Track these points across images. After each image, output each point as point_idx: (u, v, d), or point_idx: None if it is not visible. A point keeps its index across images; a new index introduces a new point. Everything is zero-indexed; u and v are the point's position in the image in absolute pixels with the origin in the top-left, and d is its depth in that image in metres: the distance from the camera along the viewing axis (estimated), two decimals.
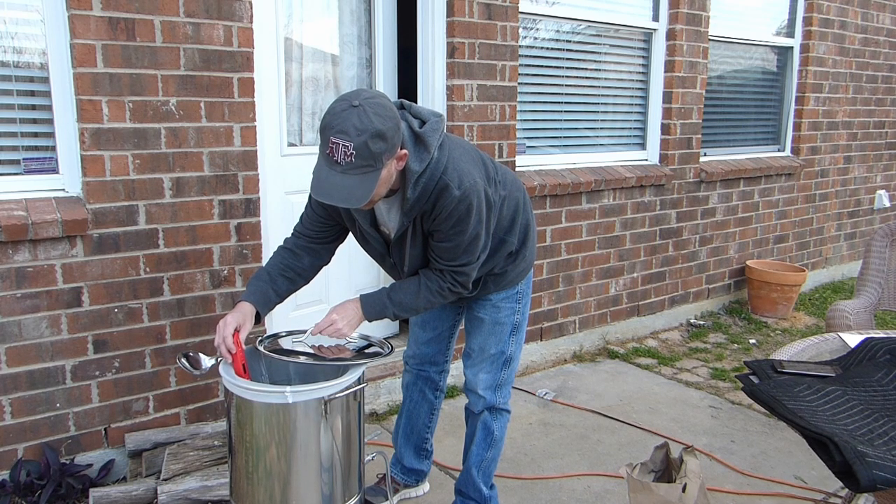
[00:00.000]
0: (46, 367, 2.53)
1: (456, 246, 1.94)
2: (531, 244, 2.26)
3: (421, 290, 2.02)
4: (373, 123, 1.66)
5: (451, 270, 2.00)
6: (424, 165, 1.84)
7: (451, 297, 2.06)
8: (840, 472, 1.42)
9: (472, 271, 2.02)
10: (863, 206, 6.09)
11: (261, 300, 2.06)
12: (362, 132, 1.65)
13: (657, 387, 3.74)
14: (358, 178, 1.69)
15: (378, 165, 1.71)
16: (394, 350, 2.12)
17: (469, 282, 2.04)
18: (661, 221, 4.49)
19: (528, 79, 3.81)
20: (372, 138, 1.66)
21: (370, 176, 1.70)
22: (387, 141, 1.70)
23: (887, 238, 3.32)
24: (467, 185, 1.86)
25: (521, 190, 2.22)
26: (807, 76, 5.25)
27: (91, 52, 2.44)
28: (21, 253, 2.42)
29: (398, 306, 2.03)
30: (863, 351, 1.94)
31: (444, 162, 1.87)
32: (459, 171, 1.87)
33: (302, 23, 3.21)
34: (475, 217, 1.91)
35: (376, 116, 1.68)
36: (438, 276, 2.01)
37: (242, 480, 1.95)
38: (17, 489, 2.45)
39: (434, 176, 1.85)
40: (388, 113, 1.71)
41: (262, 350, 1.99)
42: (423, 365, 2.51)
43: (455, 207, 1.87)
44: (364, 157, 1.67)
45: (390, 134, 1.70)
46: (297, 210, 3.26)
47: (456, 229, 1.91)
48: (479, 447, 2.36)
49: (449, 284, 2.02)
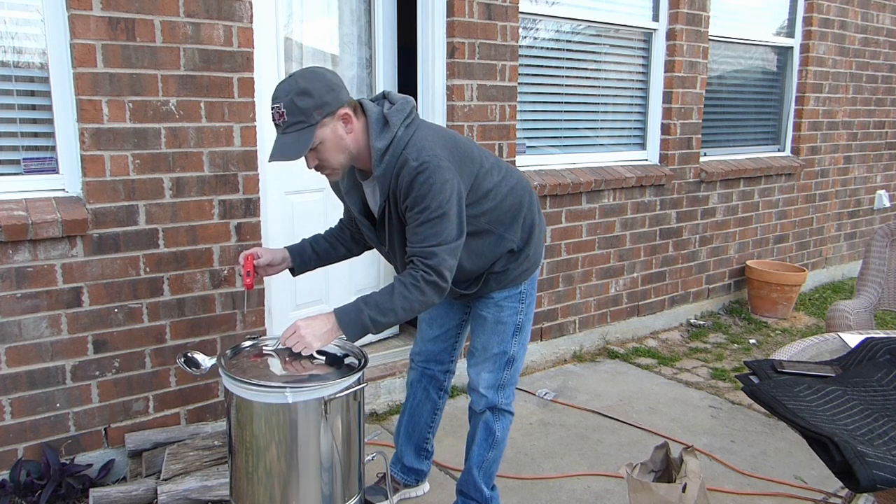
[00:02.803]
0: (46, 367, 2.53)
1: (422, 224, 1.92)
2: (536, 245, 2.26)
3: (395, 287, 1.93)
4: (298, 84, 1.85)
5: (421, 254, 1.93)
6: (387, 143, 1.94)
7: (430, 293, 1.94)
8: (840, 472, 1.42)
9: (445, 256, 1.93)
10: (863, 206, 6.09)
11: (296, 248, 2.27)
12: (289, 92, 1.85)
13: (657, 387, 3.74)
14: (294, 136, 1.87)
15: (310, 121, 1.85)
16: (367, 363, 2.00)
17: (443, 269, 1.93)
18: (661, 221, 4.49)
19: (528, 79, 3.81)
20: (297, 95, 1.84)
21: (305, 132, 1.86)
22: (312, 97, 1.84)
23: (887, 238, 3.32)
24: (424, 158, 1.91)
25: (528, 190, 2.23)
26: (807, 76, 5.25)
27: (91, 52, 2.44)
28: (21, 253, 2.42)
29: (374, 308, 1.92)
30: (863, 351, 1.94)
31: (407, 139, 1.95)
32: (419, 147, 1.94)
33: (302, 23, 3.21)
34: (437, 190, 1.90)
35: (302, 78, 1.86)
36: (410, 268, 1.95)
37: (242, 480, 1.95)
38: (17, 489, 2.45)
39: (396, 152, 1.94)
40: (317, 76, 1.87)
41: (221, 367, 1.94)
42: (428, 363, 2.51)
43: (414, 179, 1.90)
44: (294, 114, 1.85)
45: (317, 92, 1.85)
46: (297, 210, 3.26)
47: (420, 206, 1.91)
48: (480, 447, 2.36)
49: (422, 273, 1.92)
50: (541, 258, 2.33)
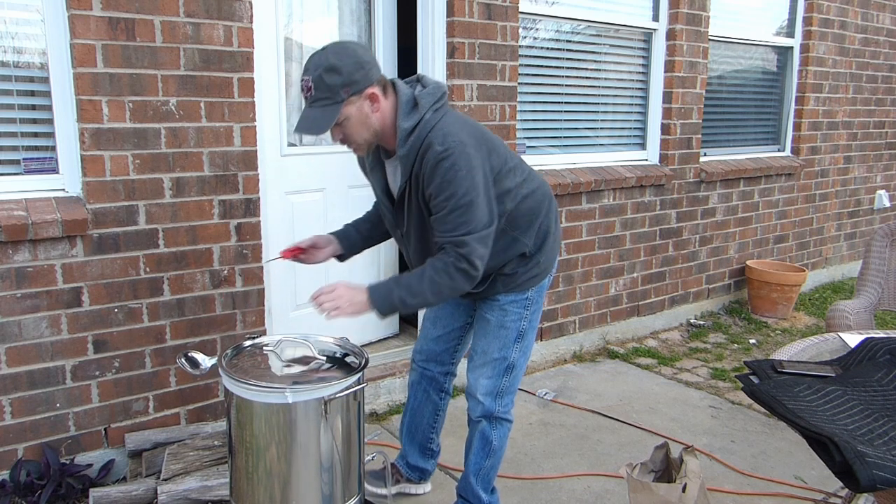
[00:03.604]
0: (46, 367, 2.53)
1: (450, 212, 1.92)
2: (548, 252, 2.23)
3: (426, 271, 1.96)
4: (328, 59, 1.85)
5: (452, 243, 1.94)
6: (414, 123, 1.94)
7: (459, 280, 1.95)
8: (840, 472, 1.42)
9: (476, 245, 1.94)
10: (863, 206, 6.09)
11: (341, 233, 2.32)
12: (318, 66, 1.85)
13: (657, 387, 3.74)
14: (320, 110, 1.88)
15: (336, 98, 1.86)
16: (367, 363, 2.01)
17: (474, 258, 1.94)
18: (661, 221, 4.49)
19: (528, 79, 3.81)
20: (326, 71, 1.84)
21: (329, 109, 1.87)
22: (341, 74, 1.84)
23: (887, 238, 3.32)
24: (450, 143, 1.90)
25: (549, 197, 2.22)
26: (807, 76, 5.25)
27: (91, 51, 2.44)
28: (21, 253, 2.42)
29: (405, 289, 1.96)
30: (863, 351, 1.94)
31: (434, 123, 1.95)
32: (445, 132, 1.93)
33: (302, 23, 3.21)
34: (462, 177, 1.89)
35: (334, 54, 1.86)
36: (442, 254, 1.97)
37: (242, 480, 1.95)
38: (17, 489, 2.45)
39: (421, 135, 1.94)
40: (348, 53, 1.87)
41: (221, 367, 1.94)
42: (428, 363, 2.49)
43: (439, 164, 1.89)
44: (321, 90, 1.85)
45: (346, 70, 1.85)
46: (297, 210, 3.26)
47: (446, 192, 1.90)
48: (476, 456, 2.35)
49: (453, 260, 1.93)
50: (552, 268, 2.29)
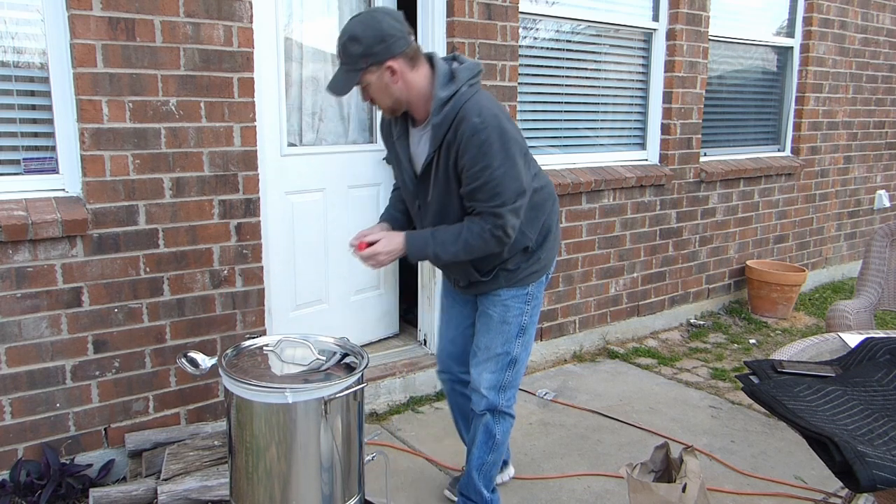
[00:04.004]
0: (46, 367, 2.53)
1: (485, 183, 1.98)
2: (549, 249, 2.29)
3: (462, 232, 2.06)
4: (354, 29, 1.92)
5: (489, 212, 2.02)
6: (450, 94, 1.99)
7: (493, 245, 2.06)
8: (840, 472, 1.42)
9: (510, 216, 2.03)
10: (863, 206, 6.09)
11: (386, 217, 2.37)
12: (345, 34, 1.93)
13: (657, 387, 3.74)
14: (344, 74, 1.97)
15: (356, 66, 1.94)
16: (367, 363, 2.01)
17: (508, 227, 2.04)
18: (661, 221, 4.49)
19: (528, 79, 3.81)
20: (349, 40, 1.92)
21: (351, 75, 1.96)
22: (361, 44, 1.91)
23: (887, 238, 3.32)
24: (486, 116, 1.96)
25: (553, 198, 2.29)
26: (807, 76, 5.25)
27: (91, 52, 2.44)
28: (21, 253, 2.42)
29: (439, 244, 2.08)
30: (863, 351, 1.94)
31: (469, 96, 2.00)
32: (481, 105, 1.98)
33: (302, 23, 3.21)
34: (497, 148, 1.96)
35: (360, 24, 1.92)
36: (479, 219, 2.05)
37: (242, 480, 1.95)
38: (17, 489, 2.45)
39: (457, 105, 1.98)
40: (372, 25, 1.92)
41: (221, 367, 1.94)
42: (450, 364, 2.52)
43: (475, 135, 1.94)
44: (344, 56, 1.95)
45: (367, 41, 1.91)
46: (297, 210, 3.26)
47: (481, 164, 1.96)
48: (479, 450, 2.36)
49: (490, 227, 2.03)
50: (551, 266, 2.35)
